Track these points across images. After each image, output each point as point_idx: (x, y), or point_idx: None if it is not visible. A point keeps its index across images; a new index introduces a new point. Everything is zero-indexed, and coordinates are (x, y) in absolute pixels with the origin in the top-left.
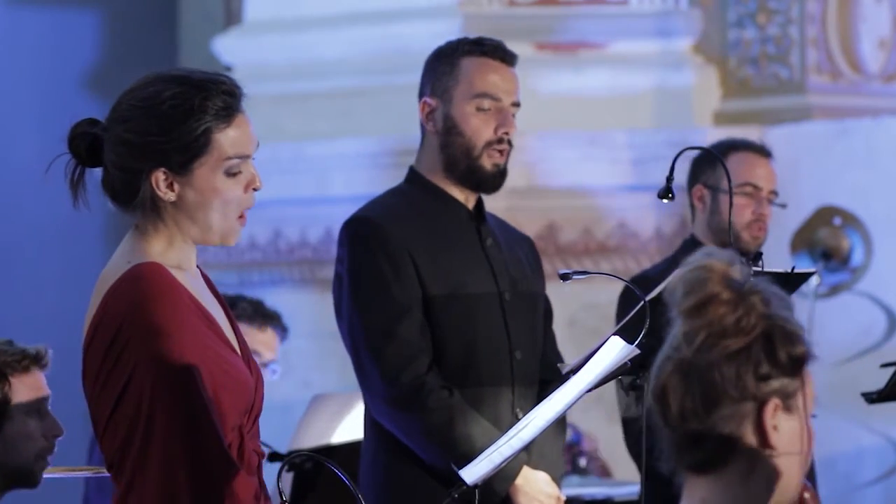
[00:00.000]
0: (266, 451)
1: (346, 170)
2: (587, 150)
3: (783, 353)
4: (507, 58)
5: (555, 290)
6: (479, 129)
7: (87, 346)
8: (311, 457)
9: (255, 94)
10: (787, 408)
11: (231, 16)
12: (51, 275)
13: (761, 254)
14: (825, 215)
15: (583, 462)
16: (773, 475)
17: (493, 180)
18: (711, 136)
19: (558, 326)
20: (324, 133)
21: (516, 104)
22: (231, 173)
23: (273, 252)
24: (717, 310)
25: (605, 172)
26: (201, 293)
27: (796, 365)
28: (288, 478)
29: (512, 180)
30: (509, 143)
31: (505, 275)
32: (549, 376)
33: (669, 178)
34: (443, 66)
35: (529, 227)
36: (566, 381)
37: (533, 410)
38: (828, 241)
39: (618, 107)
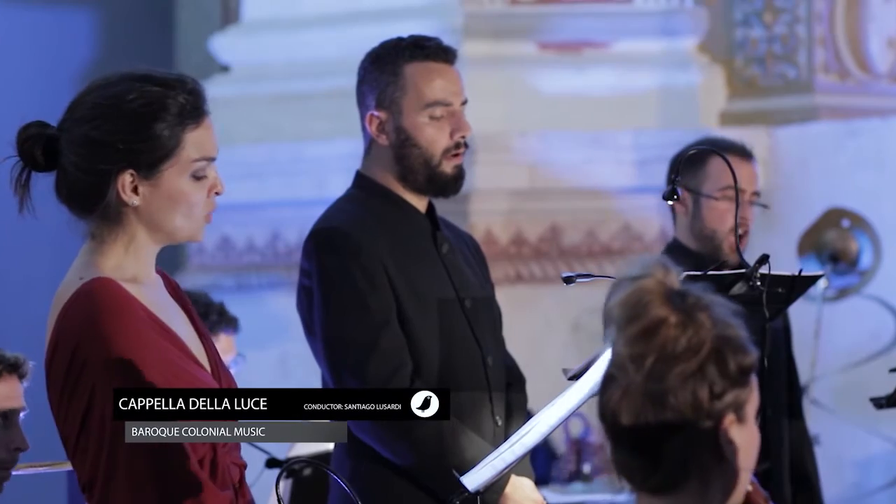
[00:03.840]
0: (264, 457)
1: (346, 171)
2: (591, 151)
3: (734, 365)
4: (450, 57)
5: (558, 294)
6: (435, 139)
7: (48, 367)
8: (309, 463)
9: (253, 95)
10: (740, 419)
11: (228, 14)
12: (41, 278)
13: (767, 256)
14: (833, 217)
15: (586, 468)
16: (727, 487)
17: (455, 183)
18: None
19: (562, 330)
20: (323, 133)
21: (465, 102)
22: (197, 177)
23: (271, 255)
24: (667, 334)
25: (609, 174)
26: (160, 304)
27: (745, 374)
28: (287, 484)
29: (514, 181)
30: (466, 144)
31: (462, 282)
32: (510, 379)
33: (674, 180)
34: (384, 75)
35: (532, 228)
36: (565, 384)
37: (535, 416)
38: (836, 244)
39: (622, 107)
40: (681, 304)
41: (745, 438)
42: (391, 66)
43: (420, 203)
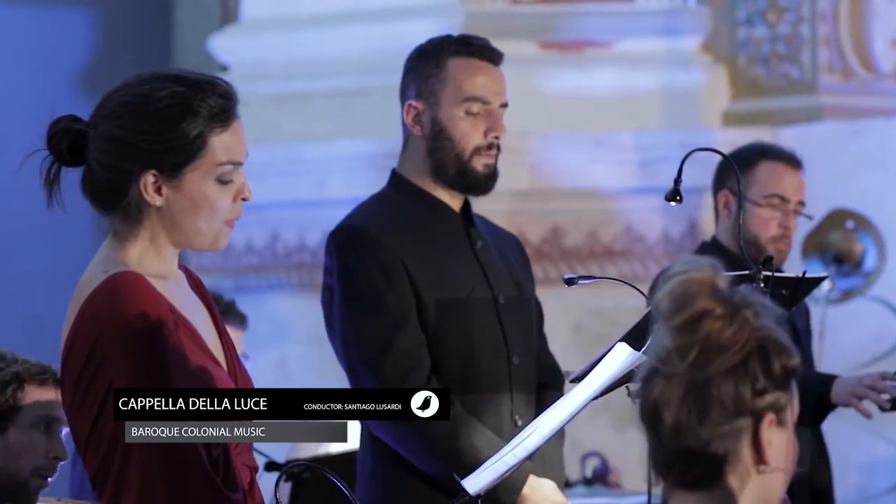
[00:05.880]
0: (263, 460)
1: (346, 171)
2: (593, 152)
3: (777, 366)
4: (495, 57)
5: (560, 296)
6: (469, 134)
7: (65, 358)
8: (309, 466)
9: (252, 94)
10: (780, 422)
11: (227, 13)
12: (42, 276)
13: (771, 258)
14: (837, 218)
15: (588, 472)
16: (762, 492)
17: (486, 182)
18: (720, 136)
19: (563, 332)
20: (323, 134)
21: (504, 105)
22: (223, 181)
23: (271, 256)
24: (712, 325)
25: (611, 174)
26: (183, 300)
27: (788, 377)
28: (286, 487)
29: (516, 182)
30: (498, 146)
31: (497, 278)
32: (545, 379)
33: (677, 181)
34: (428, 67)
35: (534, 230)
36: (567, 387)
37: (537, 419)
38: (840, 245)
39: (624, 107)
40: (727, 299)
41: (783, 442)
42: (436, 59)
43: (454, 201)
